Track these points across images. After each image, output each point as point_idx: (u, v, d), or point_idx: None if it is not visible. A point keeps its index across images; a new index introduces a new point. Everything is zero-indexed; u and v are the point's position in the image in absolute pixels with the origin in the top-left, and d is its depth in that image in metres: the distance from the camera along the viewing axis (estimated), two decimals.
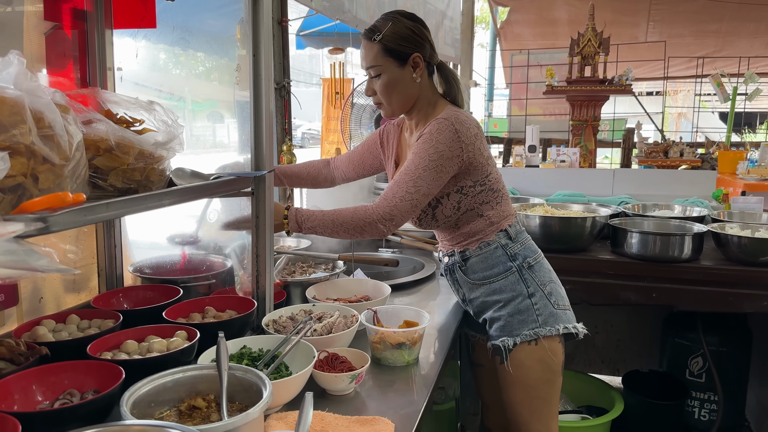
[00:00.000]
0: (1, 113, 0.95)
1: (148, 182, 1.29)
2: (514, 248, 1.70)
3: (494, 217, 1.70)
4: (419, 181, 1.56)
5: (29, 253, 0.78)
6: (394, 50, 1.62)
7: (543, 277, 1.71)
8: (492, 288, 1.70)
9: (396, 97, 1.67)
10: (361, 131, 3.24)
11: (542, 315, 1.66)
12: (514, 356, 1.66)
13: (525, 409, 1.71)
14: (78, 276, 1.57)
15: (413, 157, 1.59)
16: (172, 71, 2.40)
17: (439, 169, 1.57)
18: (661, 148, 6.94)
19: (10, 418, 0.89)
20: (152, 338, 1.28)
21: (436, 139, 1.57)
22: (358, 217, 1.59)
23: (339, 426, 1.14)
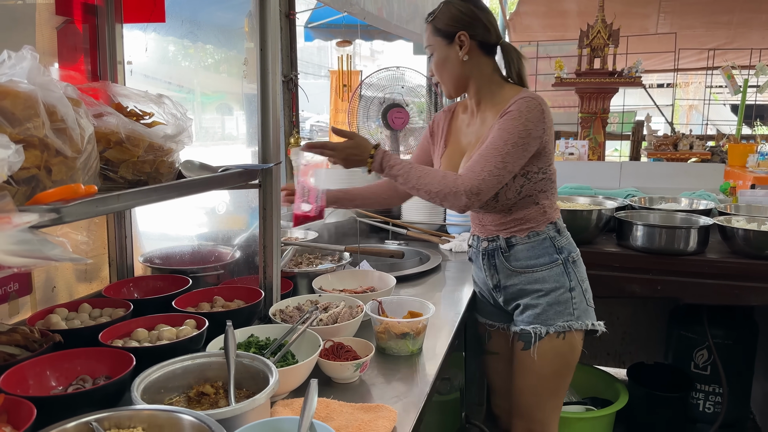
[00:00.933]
0: (16, 107, 0.98)
1: (158, 174, 1.31)
2: (561, 242, 1.75)
3: (548, 207, 1.74)
4: (507, 157, 1.57)
5: (43, 243, 0.81)
6: (441, 30, 1.69)
7: (582, 273, 1.79)
8: (534, 277, 1.74)
9: (446, 75, 1.72)
10: (368, 124, 3.25)
11: (578, 309, 1.73)
12: (541, 344, 1.72)
13: (532, 397, 1.78)
14: (90, 266, 1.60)
15: (500, 132, 1.59)
16: (181, 63, 2.42)
17: (525, 146, 1.59)
18: (670, 140, 6.89)
19: (26, 402, 0.93)
20: (162, 327, 1.31)
21: (525, 117, 1.58)
22: (446, 183, 1.57)
23: (343, 413, 1.17)
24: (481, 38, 1.68)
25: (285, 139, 2.62)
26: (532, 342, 1.73)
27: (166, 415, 0.94)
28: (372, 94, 3.21)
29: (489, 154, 1.58)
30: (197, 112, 2.72)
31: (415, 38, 5.33)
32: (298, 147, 1.74)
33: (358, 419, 1.14)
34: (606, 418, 2.75)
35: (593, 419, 2.72)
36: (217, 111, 2.92)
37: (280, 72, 1.39)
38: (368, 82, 3.24)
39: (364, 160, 1.66)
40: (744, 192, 2.92)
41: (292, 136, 2.61)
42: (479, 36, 1.68)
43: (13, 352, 1.11)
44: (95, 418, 0.91)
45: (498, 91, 1.72)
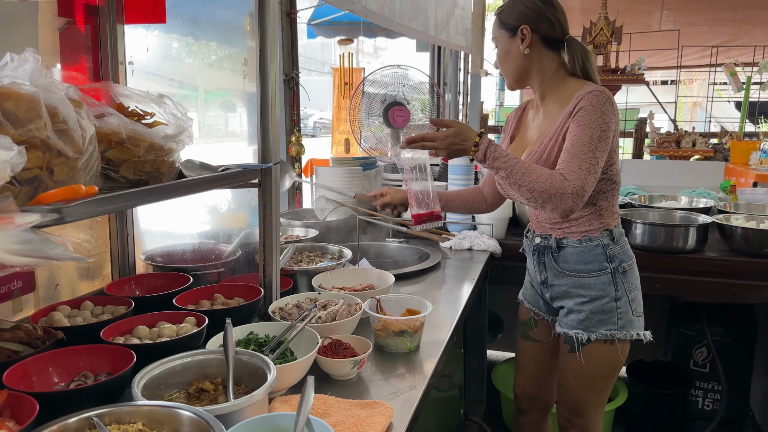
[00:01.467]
0: (18, 109, 1.00)
1: (159, 174, 1.33)
2: (614, 250, 1.74)
3: (605, 210, 1.72)
4: (597, 151, 1.55)
5: (45, 243, 0.83)
6: (505, 23, 1.73)
7: (632, 283, 1.77)
8: (580, 282, 1.75)
9: (507, 67, 1.76)
10: (371, 121, 3.26)
11: (622, 320, 1.73)
12: (586, 349, 1.74)
13: (582, 395, 1.83)
14: (92, 264, 1.62)
15: (581, 129, 1.57)
16: (184, 60, 2.43)
17: (607, 139, 1.58)
18: (673, 138, 6.90)
19: (28, 398, 0.95)
20: (163, 324, 1.33)
21: (600, 110, 1.57)
22: (552, 183, 1.53)
23: (341, 409, 1.19)
24: (544, 33, 1.70)
25: (286, 138, 2.63)
26: (576, 347, 1.75)
27: (166, 411, 0.96)
28: (374, 91, 3.22)
29: (579, 152, 1.55)
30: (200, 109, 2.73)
31: (418, 36, 5.33)
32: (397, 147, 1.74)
33: (354, 415, 1.16)
34: (605, 415, 2.76)
35: None
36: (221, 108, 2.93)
37: (279, 72, 1.41)
38: (370, 80, 3.25)
39: (467, 148, 1.60)
40: (744, 190, 2.93)
41: (293, 134, 2.63)
42: (543, 30, 1.70)
43: (16, 348, 1.13)
44: (96, 413, 0.93)
45: (562, 86, 1.72)
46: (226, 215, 2.21)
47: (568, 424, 1.90)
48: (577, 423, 1.88)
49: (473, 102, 6.54)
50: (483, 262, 2.37)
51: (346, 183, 2.72)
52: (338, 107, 6.48)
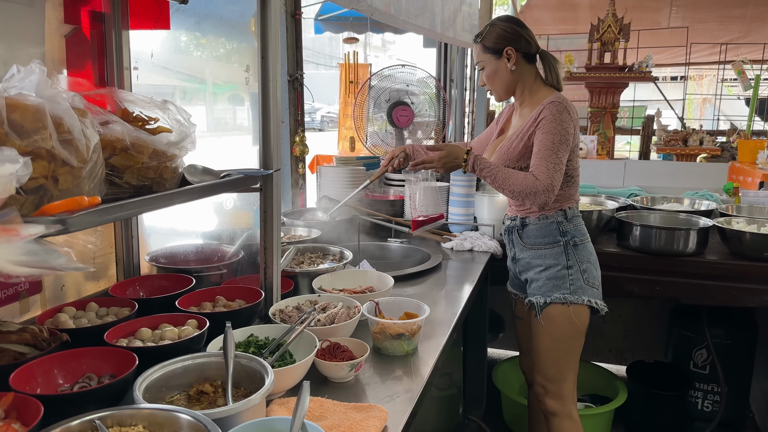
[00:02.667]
0: (24, 119, 1.03)
1: (162, 179, 1.36)
2: (567, 227, 2.02)
3: (561, 196, 2.00)
4: (560, 153, 1.89)
5: (49, 253, 0.86)
6: (490, 48, 2.01)
7: (583, 256, 2.03)
8: (538, 253, 2.05)
9: (497, 84, 2.05)
10: (375, 120, 3.29)
11: (573, 285, 2.00)
12: (546, 312, 2.01)
13: (548, 356, 2.07)
14: (97, 265, 1.66)
15: (545, 135, 1.90)
16: (193, 53, 2.44)
17: (567, 141, 1.90)
18: (680, 136, 6.86)
19: (33, 400, 0.98)
20: (165, 326, 1.36)
21: (559, 119, 1.89)
22: (526, 184, 1.88)
23: (337, 412, 1.22)
24: (524, 50, 2.01)
25: (290, 138, 2.66)
26: (537, 311, 2.03)
27: (165, 414, 1.00)
28: (378, 91, 3.24)
29: (546, 155, 1.89)
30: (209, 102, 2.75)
31: (424, 33, 5.33)
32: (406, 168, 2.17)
33: (350, 418, 1.19)
34: (605, 415, 2.78)
35: (592, 416, 2.75)
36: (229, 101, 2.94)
37: (281, 78, 1.43)
38: (375, 80, 3.27)
39: (459, 164, 2.00)
40: (747, 192, 2.93)
41: (297, 134, 2.65)
42: (522, 48, 2.00)
43: (22, 350, 1.17)
44: (99, 416, 0.96)
45: (536, 94, 2.04)
46: (230, 212, 2.24)
47: (543, 391, 2.11)
48: (550, 389, 2.08)
49: (480, 98, 6.53)
50: (484, 263, 2.39)
51: (349, 183, 2.74)
52: (345, 103, 6.50)
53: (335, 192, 2.72)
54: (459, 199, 2.67)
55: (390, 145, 3.24)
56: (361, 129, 3.24)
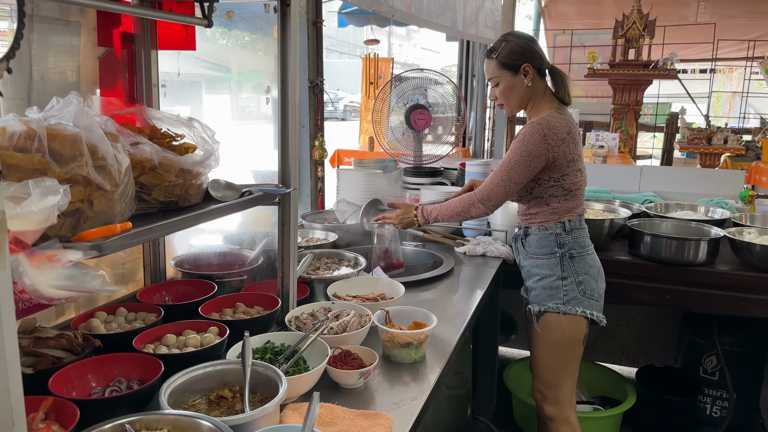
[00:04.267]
0: (63, 148, 1.12)
1: (187, 195, 1.46)
2: (565, 239, 2.07)
3: (558, 209, 2.07)
4: (511, 172, 1.99)
5: (85, 276, 0.96)
6: (507, 64, 2.04)
7: (580, 268, 2.07)
8: (537, 263, 2.12)
9: (512, 99, 2.09)
10: (393, 123, 3.35)
11: (567, 296, 2.06)
12: (542, 320, 2.10)
13: (544, 362, 2.15)
14: (126, 270, 1.77)
15: (509, 153, 2.02)
16: (218, 41, 2.49)
17: (528, 163, 1.98)
18: (704, 134, 6.81)
19: (70, 404, 1.09)
20: (189, 333, 1.47)
21: (527, 140, 1.97)
22: (463, 202, 2.08)
23: (345, 418, 1.31)
24: (538, 66, 2.06)
25: (310, 142, 2.75)
26: (534, 318, 2.11)
27: (188, 420, 1.09)
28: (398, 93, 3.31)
29: (498, 171, 2.03)
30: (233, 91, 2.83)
31: (445, 31, 5.37)
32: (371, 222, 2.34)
33: (357, 425, 1.28)
34: (613, 418, 2.84)
35: (600, 419, 2.81)
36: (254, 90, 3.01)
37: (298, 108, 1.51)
38: (396, 81, 3.34)
39: (411, 219, 2.21)
40: (762, 201, 2.94)
41: (316, 139, 2.74)
42: (537, 64, 2.05)
43: (59, 355, 1.28)
44: (128, 420, 1.07)
45: (541, 109, 2.08)
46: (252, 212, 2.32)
47: (540, 396, 2.19)
48: (547, 394, 2.16)
49: None
50: (496, 267, 2.46)
51: (366, 186, 2.82)
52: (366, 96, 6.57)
53: (353, 195, 2.80)
54: None
55: (407, 147, 3.30)
56: (379, 131, 3.32)
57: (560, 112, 2.05)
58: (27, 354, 1.25)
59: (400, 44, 27.13)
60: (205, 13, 1.54)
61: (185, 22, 1.61)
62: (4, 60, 0.79)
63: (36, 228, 0.93)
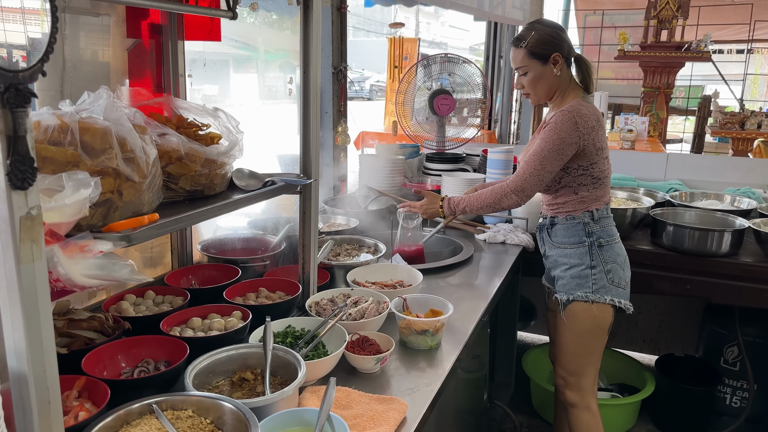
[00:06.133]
0: (94, 141, 1.18)
1: (212, 184, 1.51)
2: (593, 228, 2.08)
3: (586, 198, 2.08)
4: (545, 161, 1.98)
5: (115, 265, 1.02)
6: (537, 53, 2.02)
7: (608, 257, 2.08)
8: (564, 252, 2.13)
9: (540, 89, 2.08)
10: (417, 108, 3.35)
11: (596, 284, 2.06)
12: (569, 308, 2.11)
13: (569, 350, 2.16)
14: (154, 253, 1.84)
15: (540, 142, 2.00)
16: (246, 20, 2.51)
17: (560, 152, 1.97)
18: (737, 119, 6.63)
19: (102, 384, 1.16)
20: (213, 316, 1.53)
21: (559, 128, 1.96)
22: (495, 194, 2.07)
23: (361, 402, 1.36)
24: (566, 55, 2.05)
25: (333, 128, 2.78)
26: (561, 307, 2.12)
27: (211, 401, 1.15)
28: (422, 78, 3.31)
29: (531, 160, 2.02)
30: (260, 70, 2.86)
31: (471, 12, 5.31)
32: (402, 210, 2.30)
33: (372, 409, 1.33)
34: (631, 406, 2.86)
35: (619, 406, 2.84)
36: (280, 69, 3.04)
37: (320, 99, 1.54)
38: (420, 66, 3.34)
39: (436, 210, 2.21)
40: None
41: (339, 125, 2.77)
42: (565, 53, 2.04)
43: (92, 336, 1.35)
44: (155, 401, 1.13)
45: (567, 98, 2.07)
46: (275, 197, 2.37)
47: (563, 383, 2.21)
48: (570, 381, 2.18)
49: None
50: (515, 255, 2.48)
51: (389, 172, 2.85)
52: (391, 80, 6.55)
53: (375, 180, 2.83)
54: None
55: (430, 133, 3.31)
56: (403, 116, 3.32)
57: (585, 100, 2.05)
58: (61, 335, 1.32)
59: (428, 22, 26.81)
60: (230, 5, 1.58)
61: (211, 14, 1.64)
62: (39, 63, 0.83)
63: (69, 220, 0.98)
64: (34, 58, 0.85)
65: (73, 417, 1.08)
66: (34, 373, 0.84)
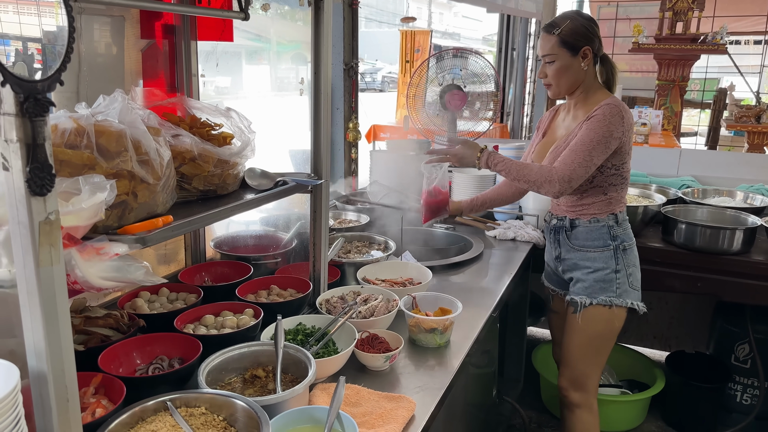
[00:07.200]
0: (110, 143, 1.20)
1: (225, 184, 1.53)
2: (617, 231, 2.05)
3: (614, 198, 2.05)
4: (593, 152, 1.90)
5: (130, 267, 1.04)
6: (569, 43, 1.96)
7: (630, 260, 2.08)
8: (587, 255, 2.07)
9: (564, 81, 2.01)
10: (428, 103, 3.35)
11: (620, 289, 2.04)
12: (586, 311, 2.07)
13: (579, 352, 2.14)
14: (168, 250, 1.87)
15: (587, 132, 1.91)
16: (258, 11, 2.53)
17: (607, 144, 1.91)
18: (753, 112, 6.55)
19: (117, 381, 1.19)
20: (226, 314, 1.56)
21: (608, 120, 1.90)
22: (541, 173, 1.92)
23: (371, 400, 1.38)
24: (596, 51, 2.01)
25: (344, 124, 2.79)
26: (578, 309, 2.08)
27: (224, 399, 1.18)
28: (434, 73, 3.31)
29: (579, 149, 1.91)
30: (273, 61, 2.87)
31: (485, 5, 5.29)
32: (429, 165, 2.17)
33: (382, 407, 1.35)
34: (640, 402, 2.87)
35: (627, 403, 2.84)
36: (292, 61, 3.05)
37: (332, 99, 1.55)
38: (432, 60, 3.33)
39: (473, 160, 2.05)
40: None
41: (350, 121, 2.78)
42: (595, 49, 2.00)
43: (107, 333, 1.38)
44: (170, 398, 1.16)
45: (592, 95, 2.03)
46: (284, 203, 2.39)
47: (568, 384, 2.20)
48: (577, 383, 2.17)
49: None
50: (526, 252, 2.48)
51: (400, 168, 2.86)
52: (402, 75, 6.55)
53: (385, 177, 2.84)
54: None
55: (441, 127, 3.31)
56: (414, 111, 3.33)
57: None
58: (78, 332, 1.35)
59: (440, 12, 26.65)
60: (242, 6, 1.59)
61: (223, 16, 1.66)
62: (57, 72, 0.85)
63: (86, 223, 1.01)
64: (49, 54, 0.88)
65: (91, 413, 1.11)
66: (53, 372, 0.87)
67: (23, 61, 0.98)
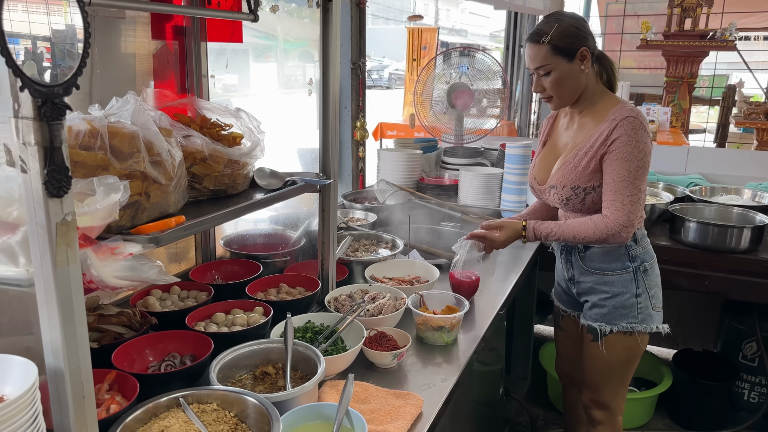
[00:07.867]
0: (123, 144, 1.22)
1: (235, 184, 1.55)
2: (636, 250, 1.87)
3: None
4: (637, 181, 1.74)
5: (144, 267, 1.06)
6: (562, 48, 1.76)
7: (652, 281, 1.90)
8: (604, 279, 1.89)
9: (566, 90, 1.81)
10: (435, 102, 3.36)
11: (642, 314, 1.88)
12: (607, 339, 1.90)
13: (602, 379, 1.99)
14: (179, 249, 1.90)
15: (619, 163, 1.73)
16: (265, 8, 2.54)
17: (646, 164, 1.76)
18: (762, 109, 6.50)
19: (131, 378, 1.22)
20: (236, 312, 1.58)
21: (636, 139, 1.72)
22: (599, 228, 1.77)
23: (379, 397, 1.40)
24: (592, 49, 1.81)
25: (351, 123, 2.81)
26: (599, 337, 1.92)
27: (235, 396, 1.20)
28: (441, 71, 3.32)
29: (623, 187, 1.74)
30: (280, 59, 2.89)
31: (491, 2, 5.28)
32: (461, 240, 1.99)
33: (390, 404, 1.37)
34: (648, 400, 2.87)
35: (635, 400, 2.85)
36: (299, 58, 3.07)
37: (339, 99, 1.57)
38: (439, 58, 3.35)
39: (518, 235, 1.92)
40: None
41: (358, 119, 2.79)
42: (591, 47, 1.80)
43: (120, 331, 1.40)
44: (182, 394, 1.18)
45: (599, 100, 1.84)
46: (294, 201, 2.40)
47: (592, 404, 2.07)
48: (601, 403, 2.04)
49: None
50: (533, 250, 2.49)
51: (407, 167, 2.87)
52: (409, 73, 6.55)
53: (393, 175, 2.86)
54: (512, 186, 2.76)
55: (448, 125, 3.32)
56: (421, 108, 3.34)
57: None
58: (92, 330, 1.38)
59: (447, 9, 26.59)
60: (251, 7, 1.61)
61: (233, 18, 1.68)
62: (73, 77, 0.87)
63: (100, 224, 1.03)
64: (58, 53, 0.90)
65: (105, 409, 1.14)
66: (69, 370, 0.89)
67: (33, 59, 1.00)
